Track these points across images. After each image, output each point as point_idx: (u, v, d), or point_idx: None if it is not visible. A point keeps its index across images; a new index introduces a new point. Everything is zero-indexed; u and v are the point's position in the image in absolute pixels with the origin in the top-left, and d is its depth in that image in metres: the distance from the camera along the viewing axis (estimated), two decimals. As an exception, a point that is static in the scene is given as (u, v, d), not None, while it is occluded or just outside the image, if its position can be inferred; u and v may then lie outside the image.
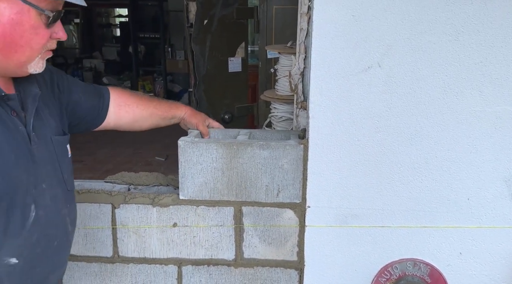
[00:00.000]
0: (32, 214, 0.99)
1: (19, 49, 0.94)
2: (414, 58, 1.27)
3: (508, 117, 1.28)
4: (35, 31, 0.94)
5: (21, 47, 0.94)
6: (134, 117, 1.39)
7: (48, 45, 0.99)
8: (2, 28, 0.91)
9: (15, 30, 0.91)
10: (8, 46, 0.93)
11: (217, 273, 1.48)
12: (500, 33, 1.24)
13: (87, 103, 1.28)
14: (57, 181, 1.09)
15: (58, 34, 0.99)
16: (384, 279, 1.45)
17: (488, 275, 1.42)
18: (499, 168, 1.32)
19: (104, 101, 1.33)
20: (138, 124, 1.43)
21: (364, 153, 1.36)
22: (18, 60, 0.96)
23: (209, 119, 1.55)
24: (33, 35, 0.94)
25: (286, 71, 2.13)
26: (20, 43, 0.93)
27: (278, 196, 1.41)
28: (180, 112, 1.49)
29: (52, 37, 0.99)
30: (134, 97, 1.42)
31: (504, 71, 1.25)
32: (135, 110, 1.38)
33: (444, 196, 1.36)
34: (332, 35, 1.28)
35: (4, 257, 0.96)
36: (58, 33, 0.99)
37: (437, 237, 1.40)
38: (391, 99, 1.31)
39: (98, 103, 1.32)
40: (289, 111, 2.05)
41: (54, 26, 0.98)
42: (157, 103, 1.46)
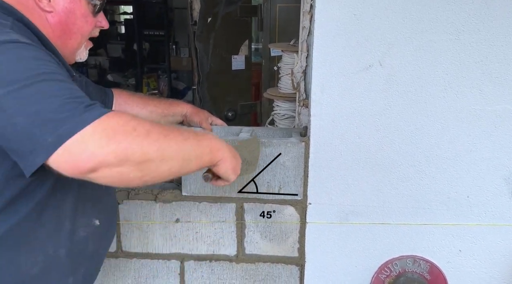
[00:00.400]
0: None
1: (73, 36, 1.00)
2: (415, 57, 1.28)
3: (508, 116, 1.29)
4: (85, 19, 1.00)
5: (74, 34, 1.00)
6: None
7: (92, 32, 1.05)
8: (58, 17, 0.97)
9: (69, 18, 0.98)
10: (64, 33, 0.99)
11: (219, 268, 1.50)
12: (501, 32, 1.24)
13: (97, 98, 1.31)
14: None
15: (102, 23, 1.06)
16: (384, 276, 1.47)
17: (487, 273, 1.43)
18: (498, 167, 1.33)
19: (109, 99, 1.36)
20: None
21: (365, 151, 1.37)
22: (72, 47, 1.02)
23: (212, 117, 1.57)
24: (83, 22, 1.00)
25: (288, 69, 2.14)
26: (73, 30, 0.99)
27: (280, 192, 1.43)
28: (180, 109, 1.50)
29: (97, 25, 1.05)
30: (134, 96, 1.44)
31: (504, 70, 1.26)
32: (134, 109, 1.40)
33: (444, 194, 1.37)
34: (333, 33, 1.29)
35: (93, 219, 1.08)
36: (101, 22, 1.06)
37: (437, 234, 1.41)
38: (392, 98, 1.32)
39: (105, 99, 1.35)
40: (291, 109, 2.07)
41: (98, 15, 1.04)
42: (157, 101, 1.48)
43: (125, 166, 0.76)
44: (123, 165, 0.76)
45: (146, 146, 0.78)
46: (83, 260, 1.08)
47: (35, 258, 0.97)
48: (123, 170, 0.77)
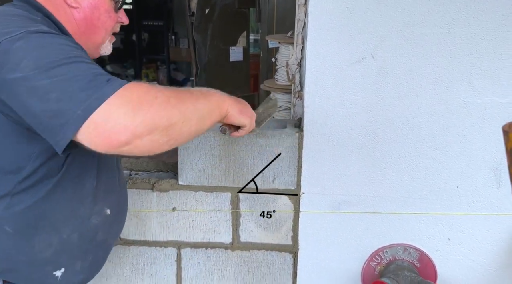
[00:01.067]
0: (117, 175, 1.17)
1: (97, 31, 1.05)
2: (407, 50, 1.31)
3: (496, 108, 1.32)
4: (108, 15, 1.05)
5: (98, 29, 1.05)
6: None
7: (114, 28, 1.09)
8: (83, 13, 1.02)
9: (93, 14, 1.02)
10: (89, 28, 1.03)
11: (215, 255, 1.54)
12: (490, 26, 1.27)
13: None
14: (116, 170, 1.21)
15: (122, 19, 1.10)
16: (375, 263, 1.51)
17: (474, 260, 1.47)
18: (487, 157, 1.37)
19: None
20: None
21: (357, 142, 1.40)
22: (96, 42, 1.07)
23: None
24: (107, 18, 1.04)
25: (285, 61, 2.17)
26: (97, 25, 1.04)
27: (274, 183, 1.46)
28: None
29: (118, 21, 1.09)
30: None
31: (493, 63, 1.29)
32: None
33: (434, 184, 1.41)
34: (327, 26, 1.32)
35: (105, 208, 1.13)
36: (122, 17, 1.10)
37: (427, 223, 1.45)
38: (384, 90, 1.35)
39: None
40: (288, 101, 2.09)
41: (119, 11, 1.08)
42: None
43: (154, 134, 0.81)
44: (152, 132, 0.80)
45: (169, 111, 0.83)
46: (93, 247, 1.13)
47: (50, 240, 1.02)
48: (153, 137, 0.81)
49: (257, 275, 1.56)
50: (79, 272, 1.12)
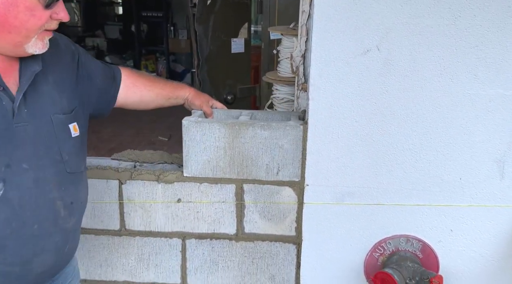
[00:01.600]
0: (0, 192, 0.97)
1: (13, 30, 0.93)
2: (412, 42, 1.31)
3: (501, 100, 1.32)
4: (31, 13, 0.93)
5: (16, 28, 0.93)
6: (141, 98, 1.43)
7: (46, 25, 0.97)
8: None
9: (9, 11, 0.91)
10: (2, 26, 0.92)
11: (219, 246, 1.56)
12: (496, 17, 1.27)
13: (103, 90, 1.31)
14: (51, 162, 1.05)
15: (59, 15, 0.98)
16: (378, 254, 1.52)
17: (477, 251, 1.48)
18: (490, 149, 1.38)
19: (116, 87, 1.36)
20: (144, 104, 1.47)
21: (361, 134, 1.41)
22: (13, 40, 0.95)
23: (212, 100, 1.60)
24: (28, 16, 0.93)
25: (288, 53, 2.16)
26: (14, 23, 0.92)
27: (278, 174, 1.47)
28: (184, 92, 1.53)
29: (53, 17, 0.97)
30: (142, 78, 1.46)
31: (499, 55, 1.29)
32: (142, 91, 1.43)
33: (437, 176, 1.42)
34: (332, 18, 1.32)
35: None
36: (59, 13, 0.97)
37: (430, 214, 1.46)
38: (389, 82, 1.35)
39: (111, 88, 1.35)
40: (290, 93, 2.10)
41: (55, 6, 0.96)
42: (163, 84, 1.51)
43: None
44: None
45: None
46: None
47: None
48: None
49: (261, 266, 1.57)
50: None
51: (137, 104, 1.46)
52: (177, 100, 1.53)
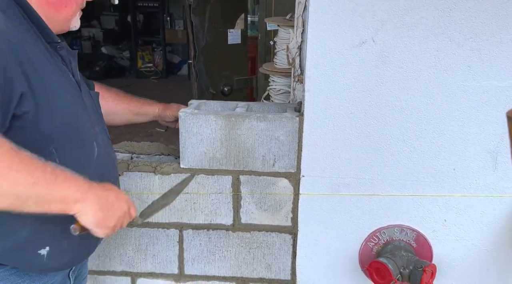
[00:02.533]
0: (96, 150, 1.12)
1: (68, 4, 1.07)
2: (407, 34, 1.32)
3: (494, 92, 1.34)
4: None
5: (70, 2, 1.07)
6: (107, 110, 1.37)
7: (82, 3, 1.11)
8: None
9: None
10: (60, 1, 1.05)
11: (216, 236, 1.57)
12: (490, 9, 1.28)
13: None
14: (103, 129, 1.22)
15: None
16: (373, 244, 1.54)
17: (470, 241, 1.51)
18: (484, 141, 1.39)
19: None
20: (111, 118, 1.43)
21: (356, 126, 1.42)
22: (66, 14, 1.08)
23: (181, 106, 1.55)
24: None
25: (284, 44, 2.16)
26: (63, 5, 1.06)
27: (274, 166, 1.48)
28: (152, 109, 1.53)
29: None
30: (110, 92, 1.46)
31: (493, 47, 1.30)
32: (109, 104, 1.42)
33: (431, 167, 1.44)
34: (328, 10, 1.32)
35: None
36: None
37: (424, 205, 1.48)
38: (384, 74, 1.36)
39: None
40: (287, 84, 2.10)
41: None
42: (129, 99, 1.51)
43: None
44: None
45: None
46: None
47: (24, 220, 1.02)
48: None
49: (257, 255, 1.59)
50: (65, 250, 1.10)
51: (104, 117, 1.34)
52: (146, 117, 1.53)
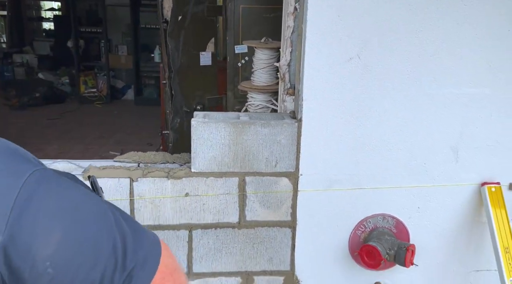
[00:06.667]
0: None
1: None
2: (385, 52, 1.60)
3: (454, 98, 1.65)
4: None
5: None
6: None
7: None
8: None
9: None
10: None
11: (223, 234, 1.73)
12: (449, 31, 1.60)
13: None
14: None
15: None
16: (360, 231, 1.78)
17: (439, 225, 1.80)
18: (447, 138, 1.70)
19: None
20: None
21: (346, 129, 1.67)
22: None
23: None
24: None
25: (262, 64, 2.40)
26: None
27: (276, 166, 1.69)
28: None
29: None
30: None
31: (452, 61, 1.62)
32: None
33: (406, 162, 1.71)
34: (322, 31, 1.57)
35: None
36: None
37: (401, 195, 1.75)
38: (367, 85, 1.63)
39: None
40: (265, 100, 2.33)
41: None
42: None
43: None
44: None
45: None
46: None
47: None
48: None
49: (260, 250, 1.76)
50: None
51: None
52: None
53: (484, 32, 1.59)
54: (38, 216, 0.61)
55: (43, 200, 0.63)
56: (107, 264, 0.67)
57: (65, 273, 0.64)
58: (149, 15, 7.42)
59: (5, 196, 0.59)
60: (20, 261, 0.60)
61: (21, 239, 0.59)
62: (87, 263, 0.66)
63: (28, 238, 0.60)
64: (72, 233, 0.65)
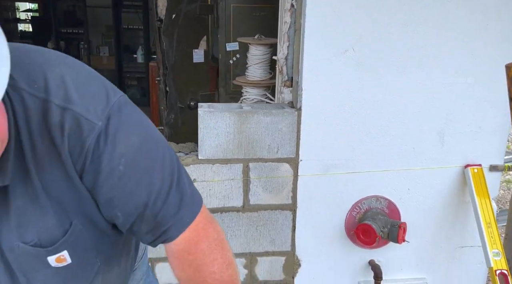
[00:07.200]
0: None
1: None
2: (378, 45, 1.74)
3: (440, 87, 1.80)
4: None
5: None
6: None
7: None
8: None
9: None
10: None
11: (228, 218, 1.83)
12: (437, 24, 1.74)
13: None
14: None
15: None
16: (355, 212, 1.91)
17: (427, 204, 1.94)
18: (433, 124, 1.85)
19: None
20: None
21: (342, 117, 1.80)
22: None
23: None
24: None
25: (256, 60, 2.52)
26: None
27: (278, 153, 1.80)
28: None
29: None
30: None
31: (438, 53, 1.76)
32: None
33: (397, 147, 1.85)
34: (319, 26, 1.70)
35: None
36: None
37: (393, 178, 1.89)
38: (362, 75, 1.76)
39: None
40: (259, 94, 2.45)
41: None
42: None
43: None
44: None
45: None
46: None
47: None
48: None
49: (263, 232, 1.87)
50: None
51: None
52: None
53: (467, 26, 1.74)
54: (125, 120, 0.74)
55: (130, 113, 0.76)
56: (167, 178, 0.78)
57: (133, 173, 0.75)
58: (131, 16, 7.44)
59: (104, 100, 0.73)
60: (105, 149, 0.71)
61: (111, 130, 0.72)
62: (153, 171, 0.77)
63: (116, 132, 0.72)
64: (147, 143, 0.77)
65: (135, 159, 0.75)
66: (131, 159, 0.75)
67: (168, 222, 0.80)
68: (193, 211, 0.84)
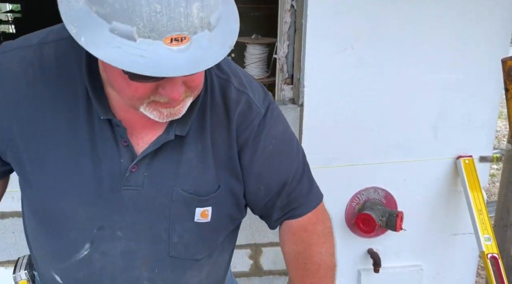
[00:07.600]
0: (84, 252, 0.90)
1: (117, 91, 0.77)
2: (376, 43, 1.83)
3: (434, 83, 1.91)
4: (126, 82, 0.71)
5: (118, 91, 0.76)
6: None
7: (153, 97, 0.74)
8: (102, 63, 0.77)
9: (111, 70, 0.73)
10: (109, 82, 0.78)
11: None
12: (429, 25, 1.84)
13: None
14: (151, 239, 0.89)
15: (166, 92, 0.72)
16: (355, 203, 2.01)
17: (422, 195, 2.05)
18: (428, 118, 1.95)
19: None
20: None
21: (342, 113, 1.89)
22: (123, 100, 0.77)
23: None
24: (124, 84, 0.72)
25: (254, 59, 2.60)
26: (115, 85, 0.75)
27: (281, 147, 1.88)
28: None
29: (159, 92, 0.73)
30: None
31: (433, 50, 1.86)
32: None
33: (394, 140, 1.95)
34: (320, 25, 1.78)
35: (52, 272, 0.95)
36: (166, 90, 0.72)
37: (390, 169, 1.99)
38: (361, 73, 1.85)
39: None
40: (257, 91, 2.52)
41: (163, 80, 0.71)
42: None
43: None
44: None
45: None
46: None
47: None
48: None
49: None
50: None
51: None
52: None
53: (458, 25, 1.85)
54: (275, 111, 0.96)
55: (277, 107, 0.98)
56: (301, 165, 1.00)
57: (278, 153, 0.94)
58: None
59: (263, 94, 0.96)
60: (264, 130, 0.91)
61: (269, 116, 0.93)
62: (291, 156, 0.97)
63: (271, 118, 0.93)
64: (288, 131, 0.99)
65: (281, 143, 0.94)
66: (279, 142, 0.94)
67: (299, 200, 0.98)
68: (318, 198, 1.04)
